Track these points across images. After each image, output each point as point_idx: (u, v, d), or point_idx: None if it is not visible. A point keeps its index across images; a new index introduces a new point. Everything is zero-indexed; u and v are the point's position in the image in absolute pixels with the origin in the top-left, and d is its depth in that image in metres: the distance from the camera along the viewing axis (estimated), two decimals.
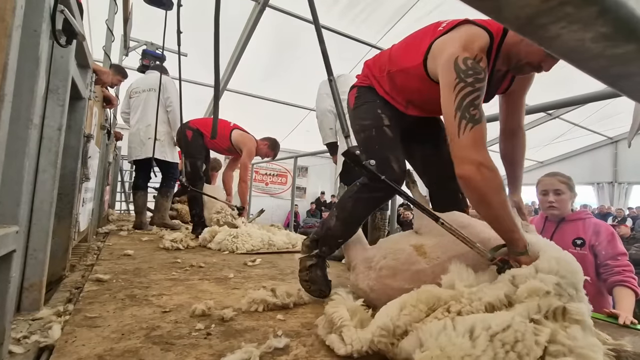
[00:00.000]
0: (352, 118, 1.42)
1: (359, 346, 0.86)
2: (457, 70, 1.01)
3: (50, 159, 1.10)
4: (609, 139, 11.07)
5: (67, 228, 1.47)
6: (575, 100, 1.79)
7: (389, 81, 1.32)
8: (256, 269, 1.92)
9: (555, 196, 1.87)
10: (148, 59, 3.74)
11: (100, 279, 1.42)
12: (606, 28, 0.18)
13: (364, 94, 1.39)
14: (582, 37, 0.19)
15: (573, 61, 0.22)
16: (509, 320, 0.73)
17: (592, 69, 0.23)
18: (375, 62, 1.39)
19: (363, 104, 1.37)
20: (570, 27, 0.18)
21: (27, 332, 0.92)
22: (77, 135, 1.49)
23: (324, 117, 2.50)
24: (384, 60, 1.34)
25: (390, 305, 0.93)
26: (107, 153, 3.17)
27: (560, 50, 0.21)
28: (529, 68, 1.10)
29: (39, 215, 1.07)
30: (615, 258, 1.68)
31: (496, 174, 0.98)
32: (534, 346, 0.70)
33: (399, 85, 1.30)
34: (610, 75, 0.23)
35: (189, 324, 1.04)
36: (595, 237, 1.75)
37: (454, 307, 0.84)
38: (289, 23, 5.28)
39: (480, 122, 1.00)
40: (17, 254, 0.77)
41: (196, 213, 3.03)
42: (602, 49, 0.20)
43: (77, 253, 1.98)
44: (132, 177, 6.62)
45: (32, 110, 0.81)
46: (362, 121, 1.34)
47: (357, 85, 1.44)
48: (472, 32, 1.07)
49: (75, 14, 1.05)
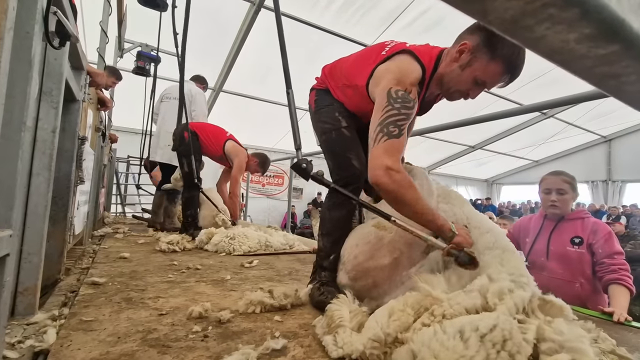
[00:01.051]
0: (314, 121, 1.49)
1: (349, 351, 0.86)
2: (388, 97, 1.14)
3: (44, 162, 1.09)
4: (602, 137, 11.18)
5: (62, 231, 1.45)
6: (570, 100, 1.81)
7: (341, 92, 1.42)
8: (253, 271, 1.91)
9: (558, 195, 1.87)
10: (143, 60, 3.73)
11: (96, 282, 1.41)
12: (590, 29, 0.19)
13: (322, 97, 1.47)
14: (566, 37, 0.20)
15: (559, 62, 0.23)
16: (495, 319, 0.74)
17: (577, 70, 0.23)
18: (331, 71, 1.48)
19: (322, 108, 1.45)
20: (555, 28, 0.19)
21: (21, 337, 0.91)
22: (72, 137, 1.48)
23: None
24: (338, 73, 1.44)
25: (378, 313, 0.94)
26: (102, 155, 3.15)
27: (546, 51, 0.21)
28: (458, 94, 1.23)
29: (33, 219, 1.06)
30: (611, 257, 1.70)
31: (404, 175, 1.08)
32: (524, 343, 0.71)
33: (349, 96, 1.40)
34: (595, 76, 0.23)
35: (186, 326, 1.04)
36: (593, 235, 1.77)
37: (438, 311, 0.85)
38: (285, 24, 5.27)
39: (397, 137, 1.10)
40: (11, 258, 0.76)
41: (191, 214, 3.04)
42: (587, 49, 0.20)
43: (73, 256, 1.96)
44: (127, 179, 6.60)
45: (25, 112, 0.80)
46: (323, 124, 1.43)
47: (315, 88, 1.53)
48: (406, 66, 1.19)
49: (69, 16, 1.04)
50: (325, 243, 1.39)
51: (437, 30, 5.26)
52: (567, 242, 1.82)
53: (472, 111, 5.84)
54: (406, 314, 0.89)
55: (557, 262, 1.83)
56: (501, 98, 7.59)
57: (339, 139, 1.39)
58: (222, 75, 6.47)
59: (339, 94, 1.43)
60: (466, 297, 0.89)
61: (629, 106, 0.29)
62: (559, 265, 1.80)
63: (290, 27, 5.30)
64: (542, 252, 1.91)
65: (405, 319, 0.87)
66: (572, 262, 1.79)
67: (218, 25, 5.38)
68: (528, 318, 0.80)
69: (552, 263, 1.83)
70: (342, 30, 5.58)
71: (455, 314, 0.84)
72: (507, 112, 2.12)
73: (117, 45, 4.44)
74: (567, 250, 1.81)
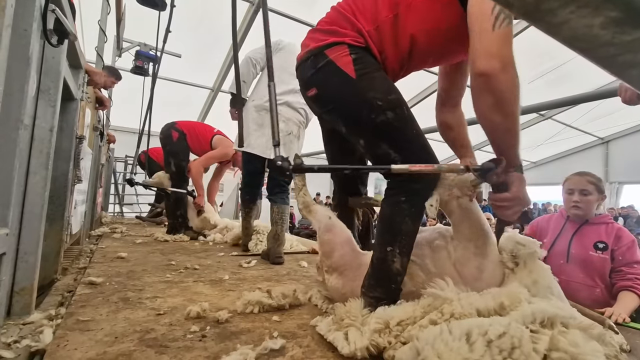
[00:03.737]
0: (360, 90, 1.04)
1: (360, 344, 0.86)
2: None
3: (41, 160, 1.09)
4: (600, 139, 11.24)
5: (59, 231, 1.45)
6: (567, 101, 1.81)
7: (392, 27, 1.05)
8: (251, 271, 1.91)
9: (580, 196, 1.79)
10: (141, 60, 3.72)
11: (93, 282, 1.40)
12: (616, 12, 0.18)
13: (364, 59, 1.06)
14: (590, 22, 0.19)
15: (580, 50, 0.22)
16: (506, 325, 0.72)
17: (599, 58, 0.23)
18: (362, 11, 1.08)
19: (374, 72, 1.05)
20: (580, 12, 0.18)
21: (17, 337, 0.90)
22: (69, 136, 1.47)
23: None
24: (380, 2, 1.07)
25: (388, 308, 0.94)
26: (99, 155, 3.14)
27: (568, 37, 0.21)
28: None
29: (29, 218, 1.05)
30: (630, 265, 1.65)
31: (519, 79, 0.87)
32: (532, 354, 0.68)
33: (409, 24, 1.04)
34: (617, 64, 0.23)
35: (184, 326, 1.03)
36: (616, 242, 1.71)
37: (447, 309, 0.84)
38: (283, 24, 5.28)
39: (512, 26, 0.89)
40: (7, 257, 0.76)
41: (181, 214, 3.07)
42: (612, 35, 0.20)
43: (70, 256, 1.95)
44: (125, 178, 6.57)
45: (23, 110, 0.80)
46: (387, 95, 1.02)
47: (348, 44, 1.06)
48: None
49: (67, 14, 1.04)
50: (403, 264, 1.02)
51: None
52: (590, 247, 1.75)
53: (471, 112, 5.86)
54: (414, 308, 0.88)
55: (578, 266, 1.75)
56: None
57: (411, 117, 1.05)
58: (221, 75, 6.47)
59: (384, 35, 1.06)
60: (479, 298, 0.87)
61: None
62: (580, 270, 1.73)
63: (288, 28, 5.31)
64: (562, 254, 1.83)
65: (410, 310, 0.86)
66: (594, 268, 1.72)
67: (217, 25, 5.38)
68: (543, 328, 0.76)
69: (572, 266, 1.76)
70: None
71: (465, 314, 0.82)
72: None
73: (115, 45, 4.43)
74: (590, 255, 1.73)
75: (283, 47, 2.29)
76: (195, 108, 7.47)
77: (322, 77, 1.10)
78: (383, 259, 1.02)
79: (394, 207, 1.03)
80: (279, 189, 2.30)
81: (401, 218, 1.01)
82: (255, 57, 2.30)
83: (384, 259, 1.01)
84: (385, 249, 1.01)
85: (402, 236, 1.01)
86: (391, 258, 1.00)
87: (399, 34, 1.06)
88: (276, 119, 1.14)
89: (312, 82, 1.13)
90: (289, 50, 2.28)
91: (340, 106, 1.09)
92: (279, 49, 2.28)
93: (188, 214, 3.15)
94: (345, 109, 1.08)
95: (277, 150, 1.09)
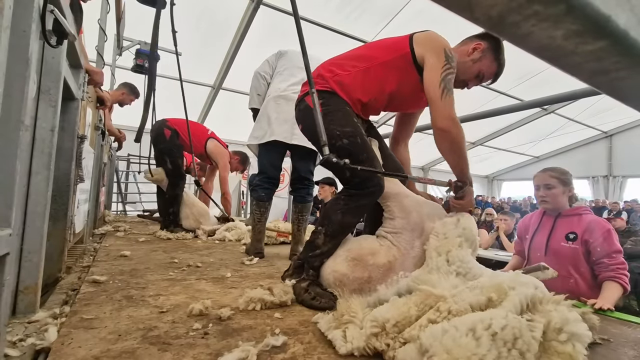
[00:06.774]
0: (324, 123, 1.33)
1: (358, 344, 0.87)
2: (446, 56, 1.32)
3: (43, 160, 1.09)
4: (603, 133, 11.15)
5: (62, 230, 1.46)
6: (570, 95, 1.81)
7: (360, 78, 1.43)
8: (253, 268, 1.92)
9: (545, 190, 1.92)
10: (142, 58, 3.72)
11: (97, 281, 1.42)
12: (576, 25, 0.18)
13: (331, 100, 1.41)
14: (553, 34, 0.20)
15: (547, 59, 0.22)
16: (505, 318, 0.75)
17: (566, 66, 0.23)
18: (338, 64, 1.48)
19: (335, 111, 1.40)
20: (541, 25, 0.19)
21: (22, 335, 0.92)
22: (71, 136, 1.48)
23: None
24: (349, 62, 1.46)
25: (380, 307, 0.96)
26: (102, 154, 3.15)
27: (534, 48, 0.21)
28: (460, 84, 1.47)
29: (33, 218, 1.06)
30: (610, 256, 1.71)
31: (463, 131, 1.31)
32: (532, 341, 0.72)
33: (372, 79, 1.43)
34: (585, 72, 0.23)
35: (186, 323, 1.05)
36: (589, 233, 1.78)
37: (443, 307, 0.86)
38: (284, 20, 5.26)
39: (452, 94, 1.32)
40: (11, 256, 0.76)
41: (173, 211, 3.09)
42: (574, 46, 0.20)
43: (73, 255, 1.96)
44: (128, 177, 6.60)
45: (23, 111, 0.80)
46: (342, 128, 1.37)
47: (319, 90, 1.40)
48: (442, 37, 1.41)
49: (66, 14, 1.04)
50: (325, 243, 1.38)
51: (435, 28, 5.25)
52: (562, 238, 1.85)
53: (472, 107, 5.82)
54: (408, 307, 0.89)
55: (553, 257, 1.84)
56: (502, 94, 7.56)
57: (365, 145, 1.38)
58: (222, 72, 6.46)
59: (351, 85, 1.42)
60: (469, 293, 0.90)
61: (621, 102, 0.28)
62: (555, 261, 1.81)
63: (289, 24, 5.29)
64: (541, 248, 1.93)
65: (405, 310, 0.87)
66: (565, 258, 1.81)
67: (217, 22, 5.36)
68: (534, 316, 0.82)
69: (549, 259, 1.85)
70: (340, 27, 5.55)
71: (460, 309, 0.85)
72: (508, 108, 2.13)
73: (115, 43, 4.42)
74: (562, 245, 1.84)
75: (286, 51, 2.44)
76: (197, 106, 7.47)
77: (302, 115, 1.52)
78: (313, 232, 1.42)
79: (335, 201, 1.44)
80: (301, 183, 2.32)
81: (335, 210, 1.39)
82: (262, 70, 2.44)
83: (314, 233, 1.42)
84: (317, 227, 1.41)
85: (331, 222, 1.38)
86: (317, 234, 1.39)
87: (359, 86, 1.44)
88: (321, 123, 1.20)
89: (298, 119, 1.57)
90: (291, 51, 2.43)
91: (313, 134, 1.46)
92: (281, 54, 2.43)
93: (182, 213, 3.16)
94: (315, 136, 1.38)
95: (326, 150, 1.20)
